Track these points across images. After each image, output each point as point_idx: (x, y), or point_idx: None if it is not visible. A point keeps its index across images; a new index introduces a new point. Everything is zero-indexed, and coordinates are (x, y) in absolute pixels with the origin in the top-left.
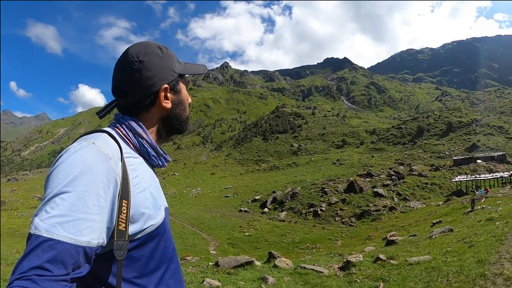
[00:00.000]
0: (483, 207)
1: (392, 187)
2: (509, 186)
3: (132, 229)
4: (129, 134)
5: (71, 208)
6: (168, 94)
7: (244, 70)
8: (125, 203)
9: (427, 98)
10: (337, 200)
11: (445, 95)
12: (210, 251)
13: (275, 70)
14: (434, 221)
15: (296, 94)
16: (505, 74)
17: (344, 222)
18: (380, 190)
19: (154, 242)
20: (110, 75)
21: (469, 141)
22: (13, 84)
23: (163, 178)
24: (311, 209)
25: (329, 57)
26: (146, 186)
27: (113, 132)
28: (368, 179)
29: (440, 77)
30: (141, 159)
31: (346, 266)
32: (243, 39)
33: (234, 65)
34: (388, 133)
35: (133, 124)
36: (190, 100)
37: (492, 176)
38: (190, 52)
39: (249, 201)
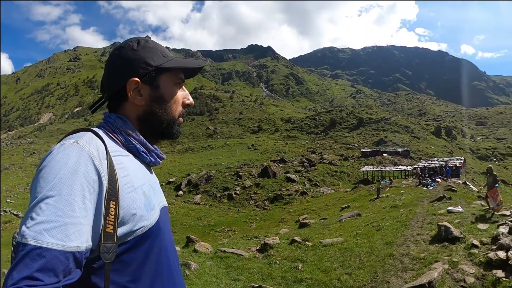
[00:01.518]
0: (387, 195)
1: (304, 173)
2: (411, 178)
3: (122, 231)
4: (116, 131)
5: (56, 212)
6: (142, 90)
7: (166, 47)
8: (112, 204)
9: (342, 94)
10: (251, 184)
11: (359, 93)
12: None
13: (198, 50)
14: (343, 206)
15: (216, 76)
16: (416, 81)
17: (258, 205)
18: (293, 176)
19: (147, 244)
20: (22, 38)
21: (377, 136)
22: None
23: None
24: (226, 193)
25: (254, 43)
26: (137, 185)
27: (99, 131)
28: (281, 165)
29: (356, 76)
30: (131, 157)
31: (264, 248)
32: (169, 14)
33: (156, 40)
34: (302, 123)
35: (119, 121)
36: (188, 101)
37: (397, 168)
38: (110, 22)
39: (163, 183)
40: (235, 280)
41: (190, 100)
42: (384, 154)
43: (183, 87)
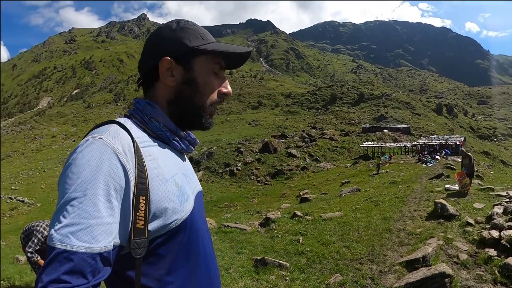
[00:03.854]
0: (387, 171)
1: (305, 148)
2: (411, 155)
3: (155, 225)
4: (145, 119)
5: (82, 214)
6: (174, 70)
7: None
8: (142, 199)
9: (343, 69)
10: (253, 159)
11: (360, 68)
12: None
13: None
14: (343, 181)
15: None
16: (418, 57)
17: (260, 180)
18: (294, 151)
19: (181, 237)
20: (15, 24)
21: (378, 112)
22: None
23: (74, 141)
24: (227, 169)
25: (252, 18)
26: (169, 176)
27: (126, 121)
28: (282, 140)
29: (357, 51)
30: (162, 146)
31: (266, 222)
32: None
33: (152, 17)
34: (303, 98)
35: (147, 107)
36: (226, 90)
37: (397, 144)
38: (104, 1)
39: None
40: (239, 254)
41: (228, 89)
42: (385, 130)
43: (223, 75)
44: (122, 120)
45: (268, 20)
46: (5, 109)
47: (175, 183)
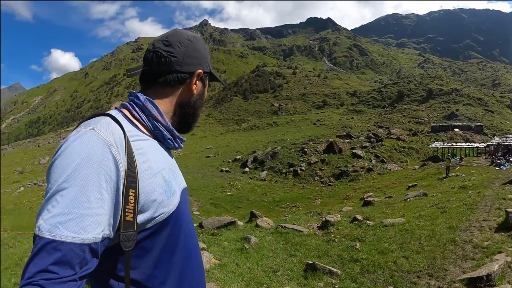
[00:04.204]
0: (457, 175)
1: (371, 149)
2: (484, 157)
3: (142, 218)
4: (142, 116)
5: (72, 204)
6: (198, 82)
7: (224, 28)
8: (132, 192)
9: (409, 64)
10: (317, 160)
11: (428, 62)
12: (194, 212)
13: (256, 29)
14: (410, 184)
15: (277, 53)
16: (488, 48)
17: (323, 181)
18: (359, 152)
19: (167, 231)
20: (84, 37)
21: (448, 109)
22: None
23: None
24: (291, 169)
25: (312, 16)
26: (157, 170)
27: (117, 114)
28: (347, 140)
29: (424, 44)
30: (151, 141)
31: (325, 225)
32: None
33: (213, 23)
34: (368, 96)
35: (148, 105)
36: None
37: (468, 145)
38: (166, 10)
39: (230, 161)
40: (291, 256)
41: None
42: (456, 130)
43: None
44: (114, 112)
45: (328, 18)
46: (79, 113)
47: (163, 177)
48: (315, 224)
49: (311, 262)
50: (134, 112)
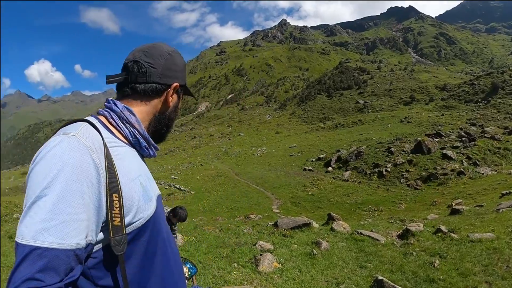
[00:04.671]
0: None
1: (462, 149)
2: None
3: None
4: (119, 123)
5: (54, 210)
6: (174, 94)
7: (304, 26)
8: (116, 196)
9: (501, 51)
10: (404, 161)
11: None
12: (273, 210)
13: (336, 24)
14: (504, 192)
15: (359, 47)
16: None
17: (410, 184)
18: (449, 152)
19: (146, 236)
20: (169, 44)
21: None
22: (78, 67)
23: (229, 139)
24: (376, 170)
25: (393, 6)
26: (135, 176)
27: (95, 121)
28: (436, 140)
29: None
30: (128, 148)
31: (405, 234)
32: None
33: (292, 21)
34: (459, 90)
35: (126, 112)
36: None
37: None
38: (245, 14)
39: (313, 160)
40: (361, 267)
41: None
42: None
43: None
44: (91, 119)
45: (410, 6)
46: None
47: (140, 183)
48: (394, 232)
49: (380, 278)
50: (111, 119)
